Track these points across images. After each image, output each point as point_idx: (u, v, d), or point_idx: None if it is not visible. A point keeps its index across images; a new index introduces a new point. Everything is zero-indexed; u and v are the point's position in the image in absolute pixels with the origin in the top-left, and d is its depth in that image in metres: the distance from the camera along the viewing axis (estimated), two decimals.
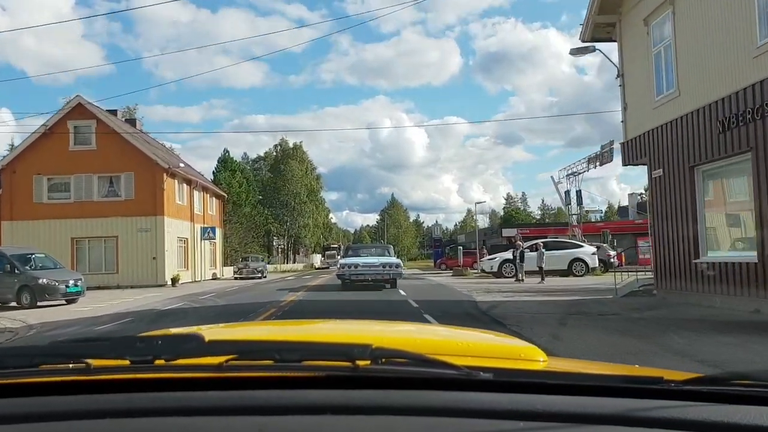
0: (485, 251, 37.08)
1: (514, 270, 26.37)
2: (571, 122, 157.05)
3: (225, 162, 57.43)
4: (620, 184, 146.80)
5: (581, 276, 26.16)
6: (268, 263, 68.57)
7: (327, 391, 0.97)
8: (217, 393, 0.97)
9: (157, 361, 1.00)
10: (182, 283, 31.89)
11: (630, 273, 16.76)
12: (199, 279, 35.64)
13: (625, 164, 15.81)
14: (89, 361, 1.01)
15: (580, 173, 33.33)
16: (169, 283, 30.24)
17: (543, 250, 22.62)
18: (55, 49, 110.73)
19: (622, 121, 15.84)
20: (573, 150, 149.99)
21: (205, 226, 36.62)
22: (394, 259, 20.78)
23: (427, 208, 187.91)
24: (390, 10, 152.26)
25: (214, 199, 41.23)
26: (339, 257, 55.68)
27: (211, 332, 1.74)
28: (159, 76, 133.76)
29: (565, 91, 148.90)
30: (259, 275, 38.33)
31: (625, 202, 64.58)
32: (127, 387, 0.99)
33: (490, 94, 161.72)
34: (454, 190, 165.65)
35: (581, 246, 26.90)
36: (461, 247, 34.97)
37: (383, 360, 1.02)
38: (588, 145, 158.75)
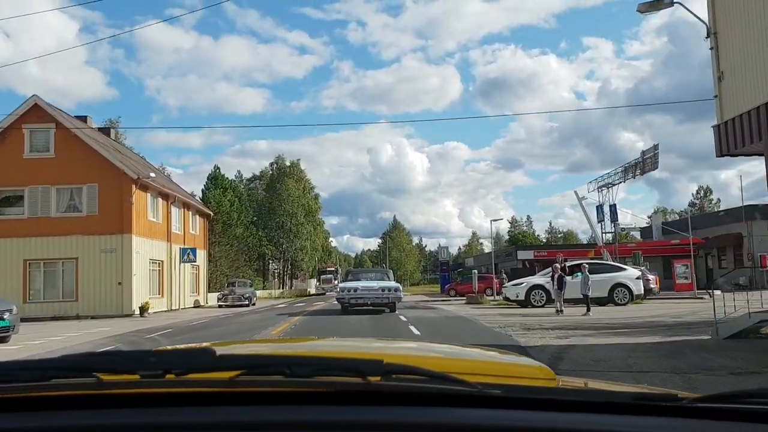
0: (504, 276, 32.80)
1: (544, 297, 22.03)
2: (572, 147, 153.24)
3: (215, 179, 53.28)
4: (620, 210, 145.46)
5: (624, 305, 21.76)
6: (263, 288, 64.29)
7: (338, 407, 0.97)
8: (228, 408, 0.98)
9: (168, 376, 0.99)
10: (154, 312, 27.50)
11: (677, 300, 12.24)
12: (177, 307, 31.22)
13: (721, 154, 11.53)
14: (100, 375, 1.01)
15: (614, 185, 28.99)
16: (137, 312, 25.84)
17: (588, 273, 18.22)
18: (58, 75, 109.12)
19: (715, 96, 11.64)
20: (573, 175, 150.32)
21: (185, 246, 32.30)
22: (393, 283, 20.70)
23: (428, 233, 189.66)
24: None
25: (197, 217, 36.96)
26: (336, 281, 51.72)
27: (222, 347, 1.70)
28: (161, 101, 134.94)
29: (565, 117, 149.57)
30: (246, 303, 33.89)
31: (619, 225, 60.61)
32: (138, 401, 0.99)
33: (490, 119, 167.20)
34: (455, 214, 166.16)
35: (623, 269, 22.51)
36: (475, 271, 30.46)
37: (394, 376, 1.01)
38: (587, 170, 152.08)
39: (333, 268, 58.47)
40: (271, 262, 69.23)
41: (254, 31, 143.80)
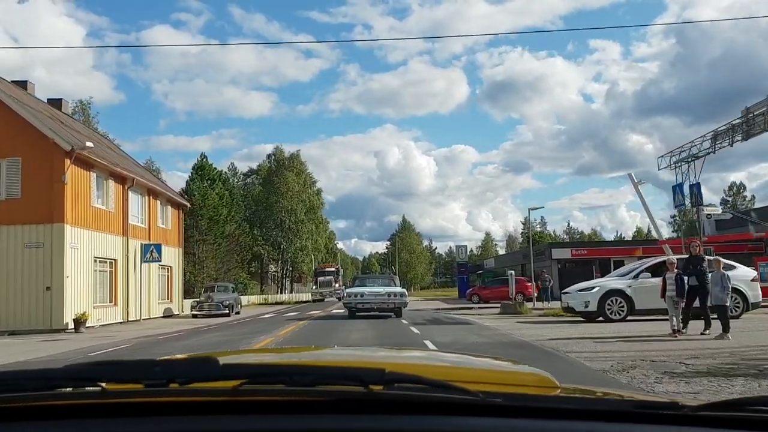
0: (546, 276, 26.39)
1: (625, 308, 15.52)
2: (580, 150, 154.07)
3: (202, 169, 47.00)
4: (630, 212, 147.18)
5: (737, 316, 15.22)
6: (261, 293, 57.88)
7: (340, 416, 0.97)
8: (231, 417, 0.98)
9: (172, 385, 0.99)
10: (102, 325, 21.26)
11: None
12: (138, 317, 24.90)
13: None
14: (104, 384, 1.01)
15: (699, 157, 22.33)
16: (71, 325, 19.56)
17: (727, 273, 11.57)
18: (66, 79, 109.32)
19: None
20: (581, 178, 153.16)
21: (149, 242, 26.01)
22: (399, 289, 20.80)
23: (436, 236, 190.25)
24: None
25: (169, 208, 30.63)
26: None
27: (225, 357, 1.70)
28: (168, 106, 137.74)
29: (572, 119, 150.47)
30: (227, 311, 27.57)
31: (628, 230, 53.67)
32: (142, 411, 0.99)
33: (497, 122, 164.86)
34: (463, 217, 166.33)
35: (733, 267, 15.86)
36: (512, 272, 23.86)
37: (396, 384, 1.01)
38: (596, 173, 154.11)
39: (333, 269, 49.06)
40: (270, 264, 62.91)
41: (261, 35, 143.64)
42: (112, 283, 23.76)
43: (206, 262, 42.46)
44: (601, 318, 15.64)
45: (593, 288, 15.99)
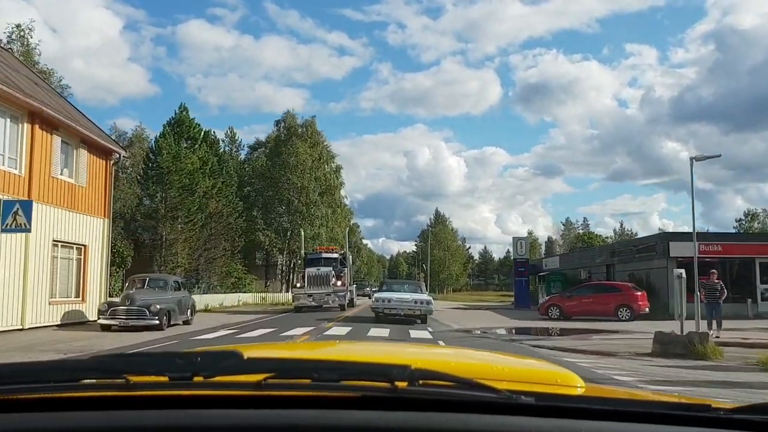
0: (716, 280, 14.76)
1: None
2: (613, 155, 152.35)
3: (179, 125, 35.99)
4: (662, 220, 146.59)
5: None
6: (266, 290, 46.88)
7: (365, 412, 0.96)
8: (255, 411, 0.97)
9: (196, 378, 1.00)
10: None
11: None
12: None
13: None
14: (129, 376, 1.01)
15: None
16: None
17: None
18: (102, 71, 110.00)
19: None
20: (614, 183, 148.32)
21: (11, 198, 15.01)
22: (425, 296, 20.90)
23: (464, 238, 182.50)
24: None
25: (85, 154, 19.43)
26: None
27: (249, 350, 1.67)
28: (202, 99, 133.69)
29: (606, 124, 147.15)
30: (156, 321, 16.43)
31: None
32: (166, 403, 0.99)
33: (529, 124, 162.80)
34: (492, 220, 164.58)
35: None
36: (681, 273, 12.15)
37: (422, 381, 1.00)
38: (629, 179, 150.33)
39: (334, 254, 30.13)
40: (279, 255, 51.92)
41: (294, 31, 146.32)
42: None
43: (174, 246, 31.45)
44: None
45: None
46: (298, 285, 28.42)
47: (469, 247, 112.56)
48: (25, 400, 1.01)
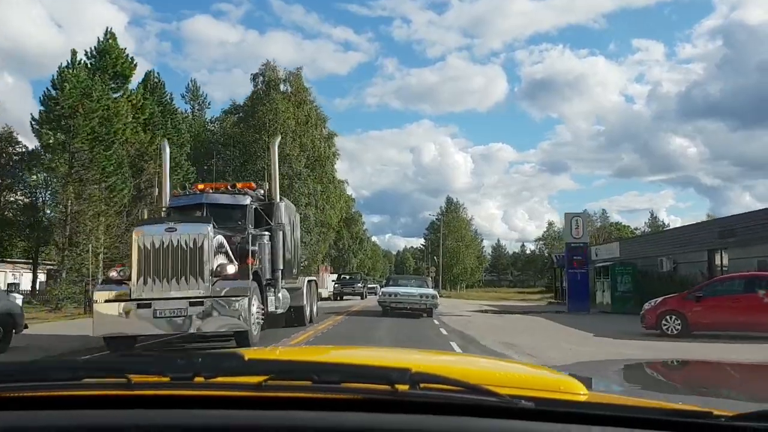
0: None
1: None
2: (619, 152, 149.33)
3: (103, 54, 26.46)
4: (670, 216, 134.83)
5: None
6: None
7: (365, 414, 0.97)
8: (256, 412, 0.98)
9: (197, 379, 1.00)
10: None
11: None
12: None
13: None
14: (130, 376, 1.01)
15: None
16: None
17: None
18: None
19: None
20: (620, 180, 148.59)
21: None
22: (431, 291, 21.63)
23: (475, 230, 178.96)
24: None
25: None
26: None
27: (250, 353, 1.68)
28: (207, 95, 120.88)
29: (612, 120, 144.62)
30: None
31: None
32: (167, 403, 1.00)
33: (535, 120, 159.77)
34: (498, 216, 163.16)
35: None
36: None
37: (422, 385, 1.00)
38: (636, 176, 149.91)
39: (240, 197, 11.77)
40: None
41: (299, 26, 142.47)
42: None
43: (85, 220, 21.76)
44: None
45: None
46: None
47: (482, 239, 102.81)
48: (27, 398, 1.01)
